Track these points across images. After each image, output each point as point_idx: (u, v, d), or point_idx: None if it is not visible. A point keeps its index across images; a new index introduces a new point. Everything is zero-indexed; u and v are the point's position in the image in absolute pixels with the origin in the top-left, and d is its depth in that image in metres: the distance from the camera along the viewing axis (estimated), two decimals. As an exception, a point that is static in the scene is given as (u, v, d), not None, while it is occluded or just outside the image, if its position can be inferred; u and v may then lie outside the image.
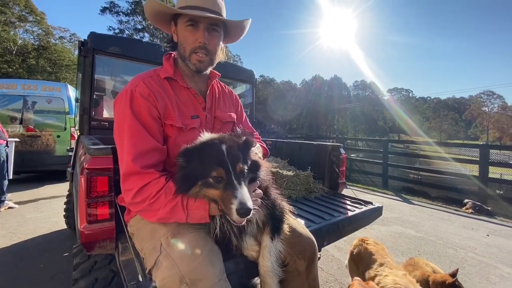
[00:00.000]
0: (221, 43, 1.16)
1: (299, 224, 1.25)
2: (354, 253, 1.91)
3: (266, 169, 1.02)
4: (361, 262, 1.81)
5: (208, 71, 1.23)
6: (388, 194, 6.41)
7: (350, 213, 1.71)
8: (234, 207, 0.77)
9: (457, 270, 1.60)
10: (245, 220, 0.86)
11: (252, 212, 0.78)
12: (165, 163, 1.07)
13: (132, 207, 0.97)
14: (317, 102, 52.44)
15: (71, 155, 2.95)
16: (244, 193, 0.80)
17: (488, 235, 3.70)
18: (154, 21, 1.17)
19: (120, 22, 32.42)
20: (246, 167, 0.88)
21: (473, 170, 6.88)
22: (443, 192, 6.30)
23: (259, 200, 0.98)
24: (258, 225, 1.04)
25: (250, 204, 0.78)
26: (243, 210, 0.76)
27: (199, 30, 1.06)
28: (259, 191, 0.99)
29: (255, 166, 0.96)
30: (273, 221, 1.05)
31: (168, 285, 0.83)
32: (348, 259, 2.04)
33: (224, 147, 0.88)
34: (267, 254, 1.03)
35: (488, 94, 73.29)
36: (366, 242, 1.89)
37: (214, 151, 0.87)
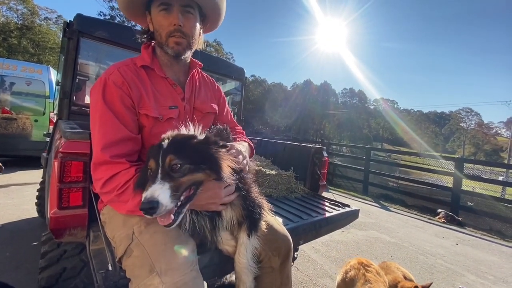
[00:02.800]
0: (198, 26, 1.12)
1: (276, 222, 1.25)
2: (348, 276, 1.62)
3: (228, 169, 0.87)
4: None
5: (187, 58, 1.21)
6: (367, 200, 6.58)
7: (327, 214, 1.74)
8: (143, 199, 0.71)
9: (431, 284, 1.61)
10: (169, 221, 0.77)
11: (161, 210, 0.70)
12: (141, 153, 1.05)
13: (102, 197, 0.95)
14: (306, 106, 53.13)
15: (48, 141, 2.81)
16: (155, 188, 0.72)
17: (457, 244, 3.88)
18: (129, 13, 1.14)
19: (112, 8, 31.46)
20: (180, 162, 0.79)
21: (448, 181, 7.21)
22: (418, 201, 6.55)
23: (232, 196, 0.97)
24: (234, 222, 1.04)
25: (154, 200, 0.70)
26: (143, 205, 0.69)
27: (173, 13, 1.03)
28: (230, 188, 0.95)
29: (214, 165, 0.84)
30: (250, 219, 1.04)
31: (138, 274, 0.82)
32: (339, 280, 1.71)
33: (167, 141, 0.83)
34: (243, 251, 1.02)
35: (467, 111, 77.22)
36: (366, 268, 1.60)
37: (156, 145, 0.85)
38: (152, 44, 1.18)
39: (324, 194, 2.41)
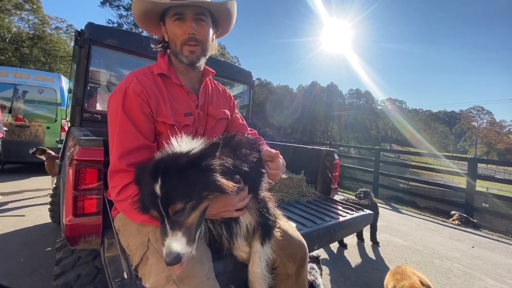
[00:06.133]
0: (211, 32, 1.14)
1: (291, 227, 1.24)
2: None
3: (230, 184, 0.79)
4: None
5: (202, 66, 1.22)
6: (377, 202, 6.45)
7: (341, 219, 1.71)
8: (163, 254, 0.72)
9: None
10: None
11: (185, 258, 0.72)
12: None
13: (116, 205, 0.96)
14: (312, 108, 52.96)
15: (60, 147, 2.86)
16: (170, 243, 0.71)
17: (473, 247, 3.76)
18: (144, 24, 1.15)
19: (120, 16, 32.18)
20: (183, 206, 0.74)
21: (461, 182, 7.03)
22: (431, 203, 6.39)
23: (246, 200, 0.95)
24: (248, 229, 1.02)
25: (176, 254, 0.70)
26: (167, 262, 0.70)
27: (186, 22, 1.05)
28: (243, 192, 0.94)
29: (214, 187, 0.77)
30: (264, 226, 1.03)
31: (155, 282, 0.81)
32: None
33: (158, 184, 0.73)
34: (258, 260, 1.01)
35: (478, 110, 75.59)
36: None
37: (148, 186, 0.75)
38: (168, 52, 1.19)
39: (335, 197, 2.37)
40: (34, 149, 4.05)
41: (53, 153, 3.99)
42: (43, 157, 3.97)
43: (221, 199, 0.84)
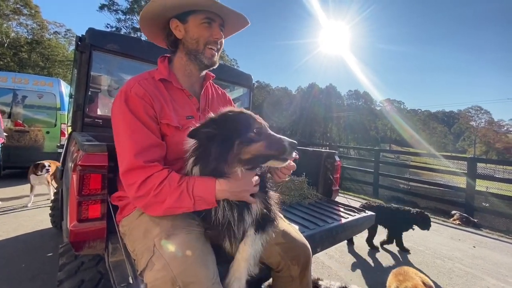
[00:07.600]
0: None
1: (294, 229, 1.24)
2: None
3: None
4: None
5: (204, 72, 1.26)
6: (378, 203, 6.44)
7: (343, 220, 1.71)
8: (286, 143, 0.90)
9: None
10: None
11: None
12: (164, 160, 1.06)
13: (136, 202, 0.95)
14: (311, 109, 53.05)
15: (60, 152, 2.86)
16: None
17: (474, 247, 3.77)
18: (150, 22, 1.16)
19: (118, 20, 32.31)
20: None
21: (460, 182, 7.04)
22: (431, 203, 6.40)
23: (257, 188, 0.97)
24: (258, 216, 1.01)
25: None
26: (294, 144, 0.91)
27: (214, 27, 1.13)
28: (256, 178, 0.98)
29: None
30: (262, 217, 1.01)
31: (160, 287, 0.81)
32: None
33: (246, 111, 0.99)
34: (249, 242, 0.98)
35: (476, 109, 75.83)
36: None
37: (245, 114, 0.97)
38: (167, 57, 1.22)
39: (336, 198, 2.38)
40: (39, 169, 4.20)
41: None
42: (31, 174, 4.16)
43: (245, 176, 0.92)
